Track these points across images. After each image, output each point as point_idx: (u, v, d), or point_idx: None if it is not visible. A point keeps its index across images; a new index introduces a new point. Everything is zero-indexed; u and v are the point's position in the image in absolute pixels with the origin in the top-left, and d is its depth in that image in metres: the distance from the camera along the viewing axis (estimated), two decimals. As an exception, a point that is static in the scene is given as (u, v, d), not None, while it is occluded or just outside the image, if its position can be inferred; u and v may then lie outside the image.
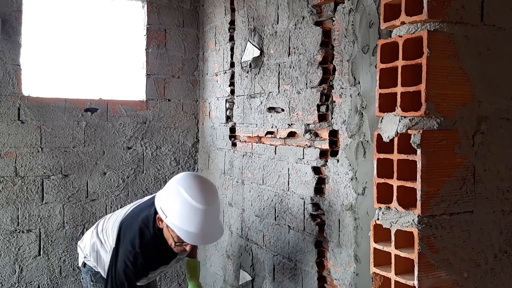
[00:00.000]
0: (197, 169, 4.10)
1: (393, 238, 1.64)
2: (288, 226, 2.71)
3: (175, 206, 2.21)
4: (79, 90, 3.79)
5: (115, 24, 3.93)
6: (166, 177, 3.95)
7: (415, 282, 1.56)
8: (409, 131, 1.59)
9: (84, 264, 2.71)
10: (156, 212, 2.35)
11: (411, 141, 1.58)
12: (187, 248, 2.32)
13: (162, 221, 2.29)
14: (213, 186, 2.42)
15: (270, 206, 2.90)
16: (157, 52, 3.94)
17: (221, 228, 2.36)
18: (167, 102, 4.01)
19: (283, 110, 2.77)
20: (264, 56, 2.98)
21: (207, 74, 3.92)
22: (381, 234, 1.70)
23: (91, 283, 2.67)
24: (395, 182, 1.64)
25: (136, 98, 3.95)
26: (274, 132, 2.88)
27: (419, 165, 1.56)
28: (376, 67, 1.76)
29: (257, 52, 3.04)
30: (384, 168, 1.69)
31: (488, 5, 1.66)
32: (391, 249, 1.65)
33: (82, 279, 2.80)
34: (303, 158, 2.57)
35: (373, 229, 1.73)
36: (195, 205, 2.18)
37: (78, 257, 2.81)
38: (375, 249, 1.72)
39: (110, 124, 3.82)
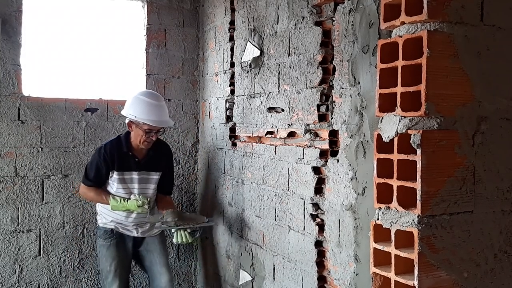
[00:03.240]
0: (197, 169, 4.10)
1: (393, 238, 1.64)
2: (288, 226, 2.71)
3: (141, 108, 3.11)
4: (79, 90, 3.79)
5: (115, 24, 3.93)
6: (166, 177, 3.94)
7: (415, 282, 1.56)
8: (409, 131, 1.59)
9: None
10: (119, 135, 3.32)
11: (411, 141, 1.58)
12: (154, 137, 3.18)
13: (132, 124, 3.17)
14: (157, 93, 3.40)
15: (270, 206, 2.90)
16: (157, 52, 3.94)
17: (171, 120, 3.33)
18: (167, 102, 3.99)
19: (283, 110, 2.77)
20: (264, 56, 2.98)
21: (207, 74, 3.91)
22: (381, 234, 1.70)
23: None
24: (395, 182, 1.64)
25: (136, 98, 3.95)
26: (274, 132, 2.88)
27: (419, 165, 1.56)
28: (376, 67, 1.76)
29: (257, 52, 3.04)
30: (384, 168, 1.69)
31: (488, 5, 1.66)
32: (391, 249, 1.65)
33: (96, 240, 3.44)
34: (303, 158, 2.57)
35: (373, 229, 1.73)
36: (153, 102, 3.15)
37: (97, 219, 3.40)
38: (375, 249, 1.72)
39: (110, 124, 3.82)
